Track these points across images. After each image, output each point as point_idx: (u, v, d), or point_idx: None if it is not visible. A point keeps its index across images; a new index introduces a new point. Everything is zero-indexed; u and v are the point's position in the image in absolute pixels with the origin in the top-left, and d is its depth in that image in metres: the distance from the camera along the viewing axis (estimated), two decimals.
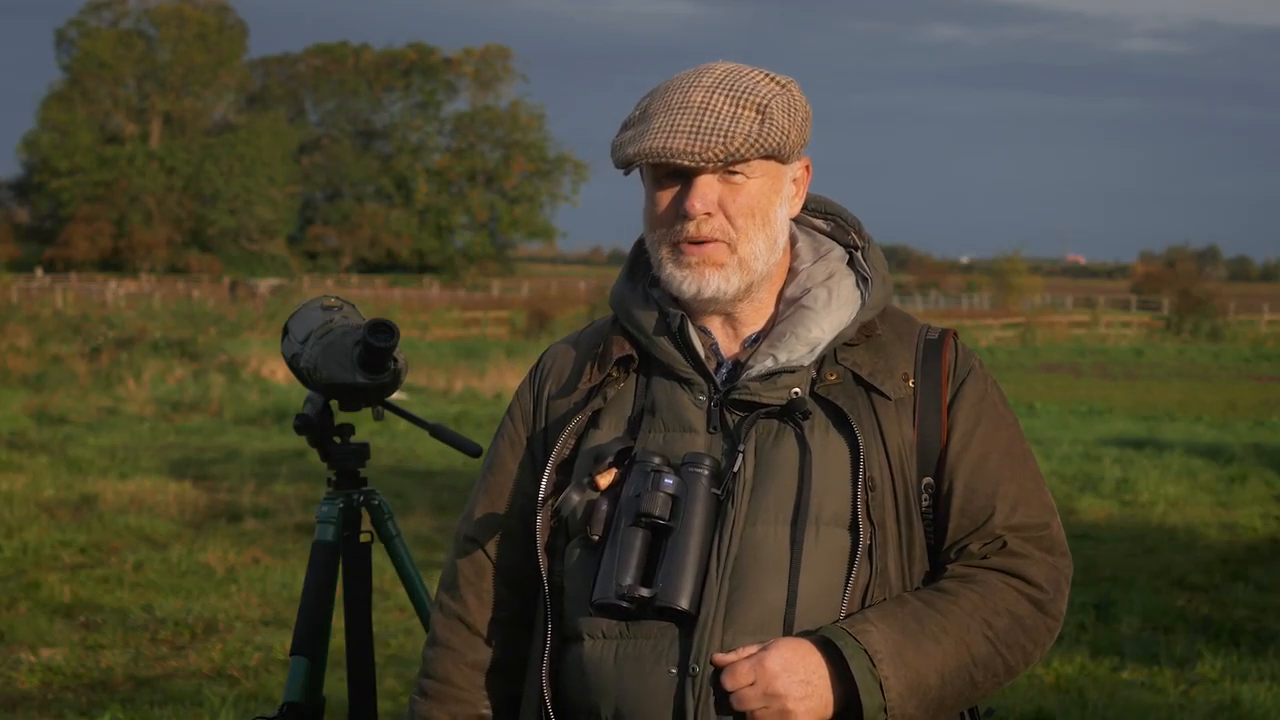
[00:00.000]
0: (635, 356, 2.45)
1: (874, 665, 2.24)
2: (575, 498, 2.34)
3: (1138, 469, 14.89)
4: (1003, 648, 2.32)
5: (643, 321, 2.44)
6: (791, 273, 2.46)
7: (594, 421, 2.43)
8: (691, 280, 2.37)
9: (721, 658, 2.27)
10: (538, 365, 2.57)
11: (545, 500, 2.41)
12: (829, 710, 2.25)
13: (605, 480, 2.36)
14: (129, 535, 10.49)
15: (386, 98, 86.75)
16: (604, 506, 2.34)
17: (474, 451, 3.68)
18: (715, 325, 2.44)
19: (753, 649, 2.26)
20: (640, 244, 2.49)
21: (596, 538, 2.34)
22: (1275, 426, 20.93)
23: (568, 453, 2.42)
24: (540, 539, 2.40)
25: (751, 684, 2.24)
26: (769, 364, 2.37)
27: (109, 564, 9.56)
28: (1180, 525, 11.88)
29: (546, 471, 2.41)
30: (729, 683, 2.25)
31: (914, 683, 2.26)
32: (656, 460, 2.33)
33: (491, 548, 2.51)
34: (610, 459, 2.36)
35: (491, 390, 23.26)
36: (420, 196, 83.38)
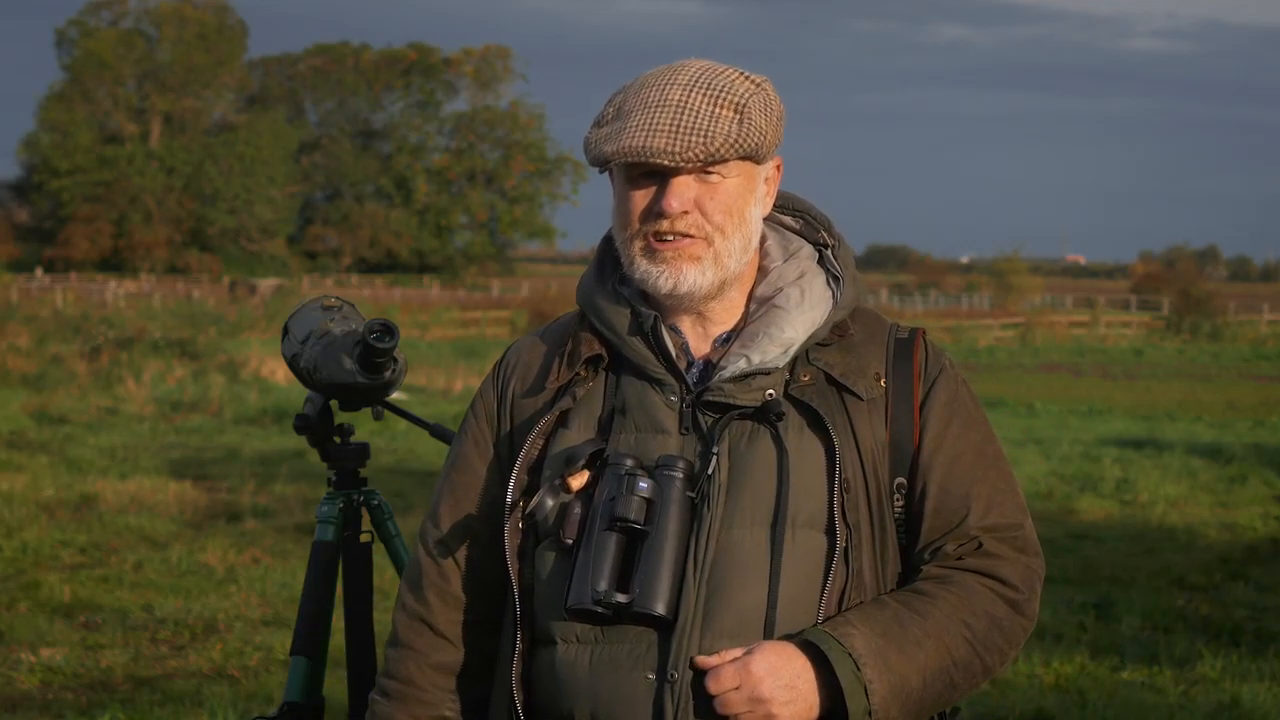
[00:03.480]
0: (605, 356, 2.39)
1: (859, 669, 2.21)
2: (549, 501, 2.29)
3: (1138, 469, 14.90)
4: (981, 649, 2.31)
5: (613, 320, 2.39)
6: (762, 271, 2.42)
7: (563, 422, 2.38)
8: (667, 275, 2.33)
9: (704, 660, 2.23)
10: (501, 362, 2.50)
11: (514, 503, 2.35)
12: (814, 714, 2.22)
13: (577, 483, 2.30)
14: (129, 535, 10.49)
15: (386, 98, 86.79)
16: (576, 509, 2.30)
17: None
18: (685, 324, 2.40)
19: (736, 652, 2.23)
20: (608, 240, 2.44)
21: (570, 541, 2.30)
22: (1275, 426, 20.92)
23: (536, 454, 2.37)
24: (510, 542, 2.35)
25: (736, 688, 2.20)
26: (742, 365, 2.33)
27: (109, 564, 9.56)
28: (1180, 525, 11.88)
29: (514, 474, 2.35)
30: (713, 686, 2.21)
31: (897, 686, 2.24)
32: (630, 463, 2.29)
33: (458, 548, 2.44)
34: (582, 461, 2.31)
35: None
36: (420, 196, 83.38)
